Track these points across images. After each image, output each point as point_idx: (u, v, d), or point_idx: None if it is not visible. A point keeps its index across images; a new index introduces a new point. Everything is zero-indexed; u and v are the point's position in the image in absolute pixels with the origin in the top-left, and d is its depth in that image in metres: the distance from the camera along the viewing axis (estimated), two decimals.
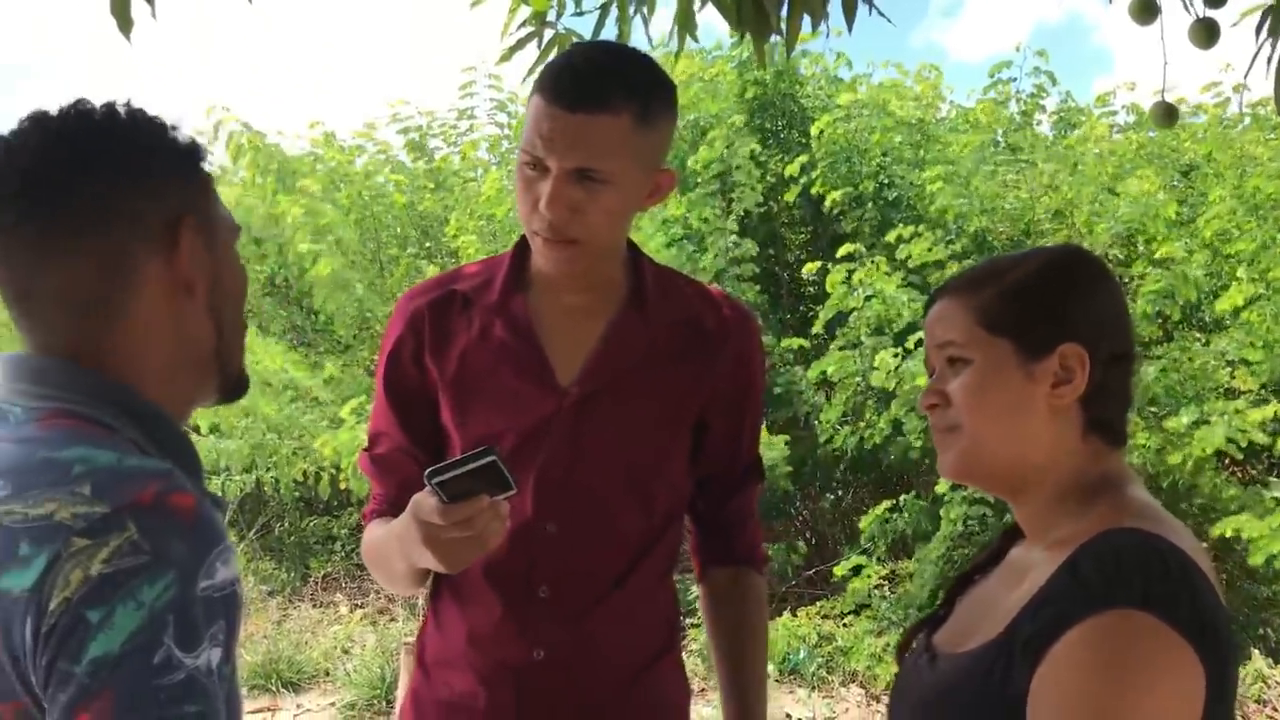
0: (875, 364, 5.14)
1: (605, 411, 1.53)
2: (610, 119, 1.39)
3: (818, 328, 5.70)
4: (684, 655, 5.08)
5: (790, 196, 6.21)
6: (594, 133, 1.39)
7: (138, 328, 1.02)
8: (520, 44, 2.30)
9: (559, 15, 2.30)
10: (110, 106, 1.03)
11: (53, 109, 1.02)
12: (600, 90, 1.39)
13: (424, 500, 1.30)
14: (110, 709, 0.84)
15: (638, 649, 1.59)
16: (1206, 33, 2.22)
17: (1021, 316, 1.17)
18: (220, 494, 5.87)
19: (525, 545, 1.51)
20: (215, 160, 7.93)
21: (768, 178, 6.35)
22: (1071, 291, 1.18)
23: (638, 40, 2.29)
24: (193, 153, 1.07)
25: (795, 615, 5.26)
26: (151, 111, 1.06)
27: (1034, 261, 1.22)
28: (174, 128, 1.06)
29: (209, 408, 1.20)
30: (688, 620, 5.08)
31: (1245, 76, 2.35)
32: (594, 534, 1.53)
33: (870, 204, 6.02)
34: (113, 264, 1.00)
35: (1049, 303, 1.17)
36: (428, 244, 7.61)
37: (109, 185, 1.00)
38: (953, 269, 5.27)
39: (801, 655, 4.95)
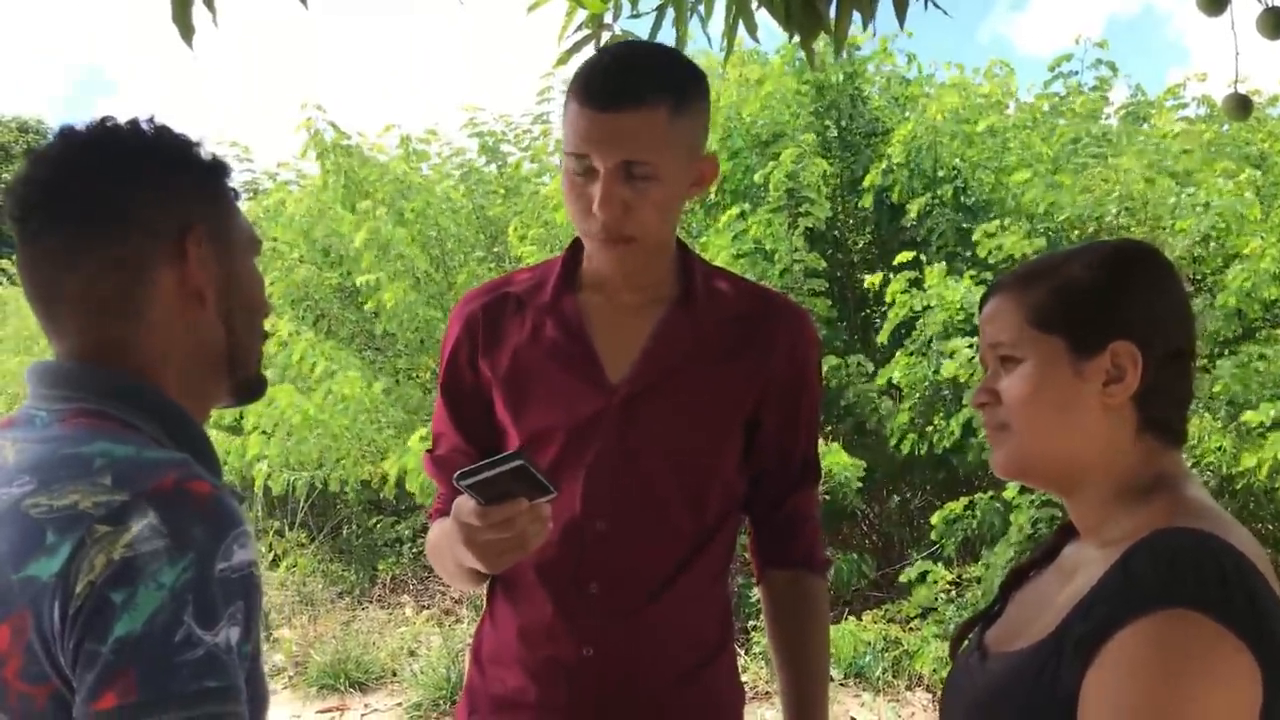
0: (948, 353, 5.08)
1: (654, 409, 1.53)
2: (648, 113, 1.42)
3: (883, 338, 5.64)
4: (748, 658, 5.06)
5: (866, 203, 6.16)
6: (634, 127, 1.42)
7: (153, 330, 1.07)
8: (577, 46, 2.31)
9: (615, 17, 2.31)
10: (135, 123, 1.09)
11: (81, 125, 1.08)
12: (634, 87, 1.42)
13: (464, 502, 1.31)
14: (134, 685, 0.88)
15: (689, 648, 1.59)
16: (1275, 22, 2.16)
17: (1073, 313, 1.15)
18: (288, 489, 6.02)
19: (575, 543, 1.53)
20: (300, 162, 8.11)
21: (831, 182, 6.30)
22: (1125, 287, 1.15)
23: (696, 41, 2.29)
24: (213, 169, 1.13)
25: (860, 619, 5.21)
26: (178, 130, 1.12)
27: (1087, 257, 1.19)
28: (197, 145, 1.12)
29: (230, 408, 1.25)
30: (750, 623, 5.06)
31: None
32: (644, 532, 1.53)
33: (948, 209, 5.94)
34: (128, 270, 1.06)
35: (1101, 299, 1.15)
36: (496, 249, 7.68)
37: (126, 196, 1.05)
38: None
39: (866, 659, 4.90)
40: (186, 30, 1.76)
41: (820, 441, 5.19)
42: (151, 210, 1.06)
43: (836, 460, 5.14)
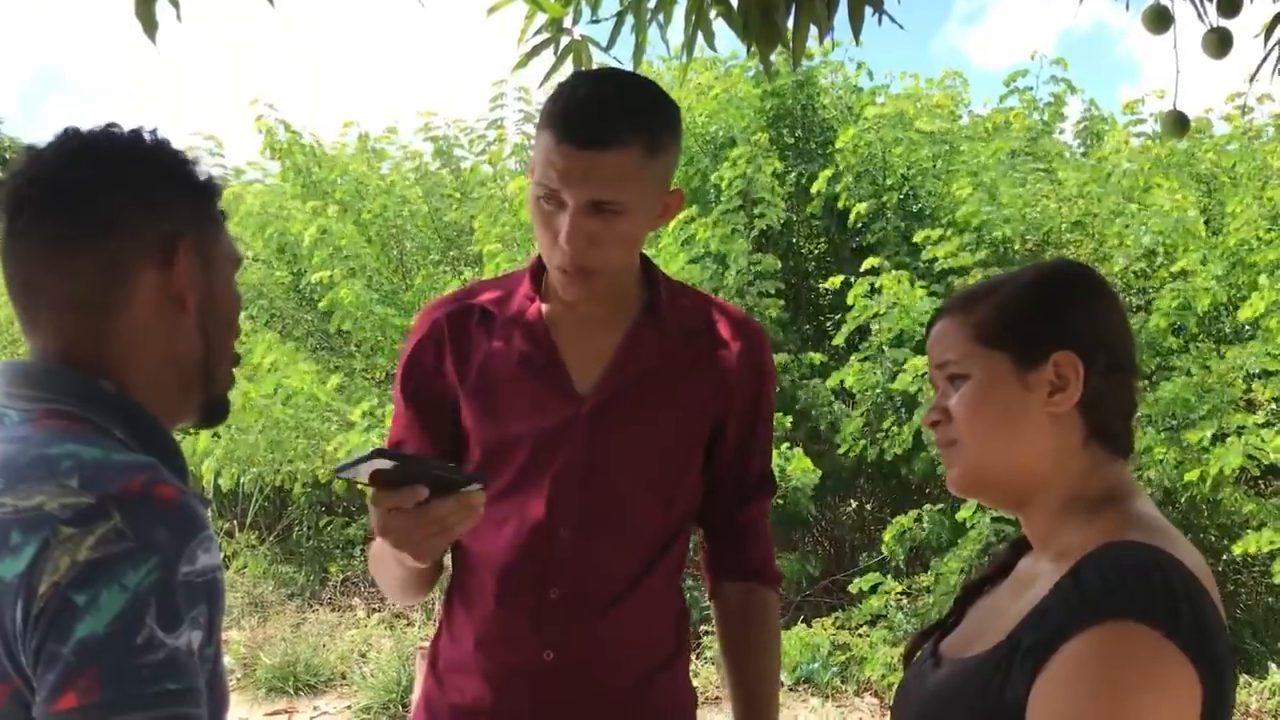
0: (905, 367, 5.13)
1: (621, 418, 1.55)
2: (621, 153, 1.43)
3: (839, 340, 5.69)
4: (699, 662, 5.07)
5: (814, 209, 6.21)
6: (606, 167, 1.42)
7: (129, 333, 1.07)
8: (536, 50, 2.30)
9: (575, 22, 2.31)
10: (137, 132, 1.10)
11: (85, 127, 1.09)
12: (609, 127, 1.42)
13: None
14: (95, 686, 0.88)
15: (648, 652, 1.60)
16: (1219, 42, 2.21)
17: (1015, 329, 1.18)
18: (237, 486, 5.96)
19: (538, 548, 1.54)
20: (255, 158, 8.06)
21: (786, 188, 6.34)
22: (1064, 302, 1.19)
23: (654, 48, 2.31)
24: (206, 188, 1.14)
25: (810, 625, 5.25)
26: (175, 145, 1.13)
27: (1027, 276, 1.24)
28: (194, 161, 1.14)
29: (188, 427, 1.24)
30: (704, 627, 5.08)
31: (1251, 81, 2.33)
32: (607, 538, 1.55)
33: (893, 215, 6.01)
34: (110, 271, 1.06)
35: (1041, 314, 1.19)
36: (452, 253, 7.65)
37: (115, 200, 1.06)
38: (977, 275, 5.25)
39: (814, 665, 4.94)
40: (150, 25, 1.74)
41: (782, 446, 5.23)
42: (139, 216, 1.07)
43: (800, 466, 5.16)
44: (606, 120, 1.43)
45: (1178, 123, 2.33)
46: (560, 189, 1.43)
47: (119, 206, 1.06)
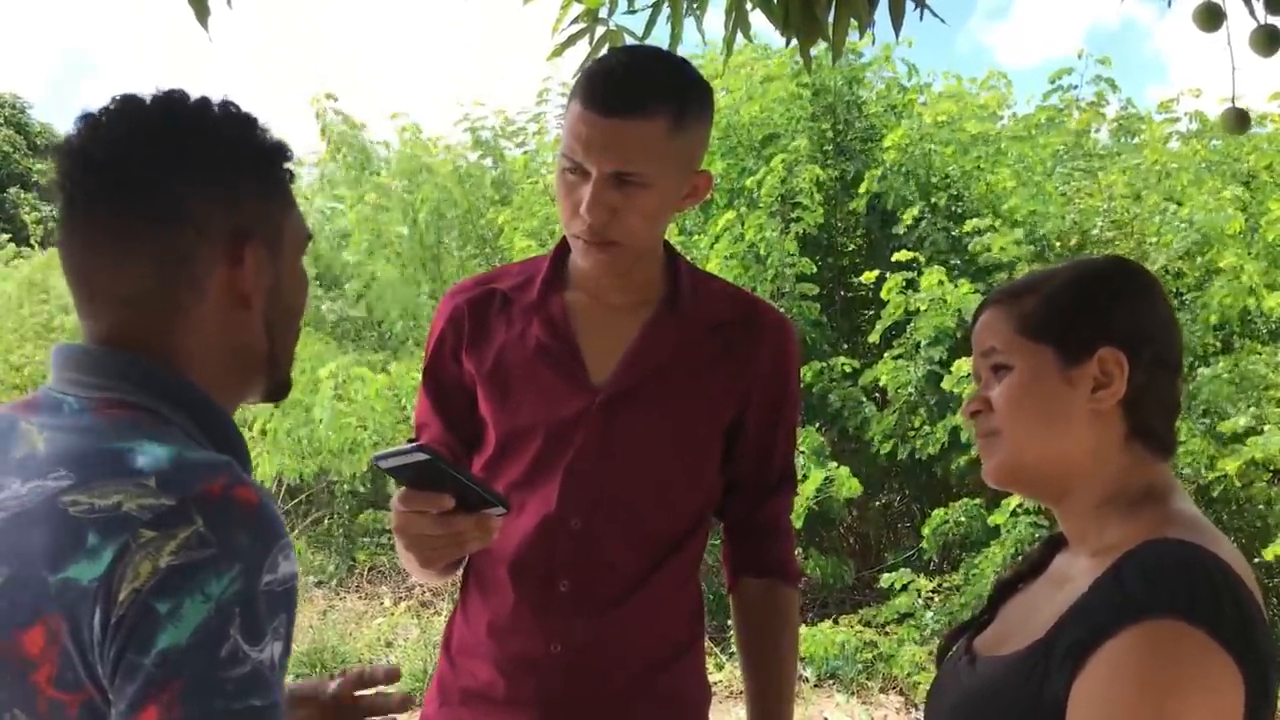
0: (950, 369, 5.09)
1: (635, 411, 1.54)
2: (645, 123, 1.42)
3: (874, 337, 5.64)
4: (724, 656, 5.04)
5: (858, 206, 6.16)
6: (629, 137, 1.42)
7: (192, 326, 1.01)
8: (571, 40, 2.31)
9: (611, 12, 2.30)
10: (204, 102, 1.03)
11: (146, 96, 1.01)
12: (635, 96, 1.42)
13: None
14: (177, 700, 0.84)
15: (657, 647, 1.59)
16: (1268, 40, 2.18)
17: (1061, 322, 1.17)
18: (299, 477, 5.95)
19: (548, 539, 1.53)
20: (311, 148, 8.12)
21: (826, 188, 6.30)
22: (1111, 298, 1.18)
23: (690, 39, 2.30)
24: (276, 154, 1.06)
25: (837, 622, 5.22)
26: (243, 109, 1.05)
27: (1075, 270, 1.23)
28: (263, 128, 1.06)
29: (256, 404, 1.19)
30: (729, 621, 5.06)
31: None
32: (618, 531, 1.54)
33: (940, 217, 5.94)
34: (176, 266, 1.00)
35: (1088, 308, 1.17)
36: (486, 250, 7.65)
37: (180, 188, 0.99)
38: (1023, 270, 5.19)
39: (840, 662, 4.92)
40: (202, 12, 1.73)
41: (830, 465, 5.20)
42: (205, 209, 1.00)
43: (850, 488, 5.13)
44: (631, 89, 1.43)
45: (1238, 120, 2.31)
46: (583, 159, 1.43)
47: (184, 197, 0.99)
